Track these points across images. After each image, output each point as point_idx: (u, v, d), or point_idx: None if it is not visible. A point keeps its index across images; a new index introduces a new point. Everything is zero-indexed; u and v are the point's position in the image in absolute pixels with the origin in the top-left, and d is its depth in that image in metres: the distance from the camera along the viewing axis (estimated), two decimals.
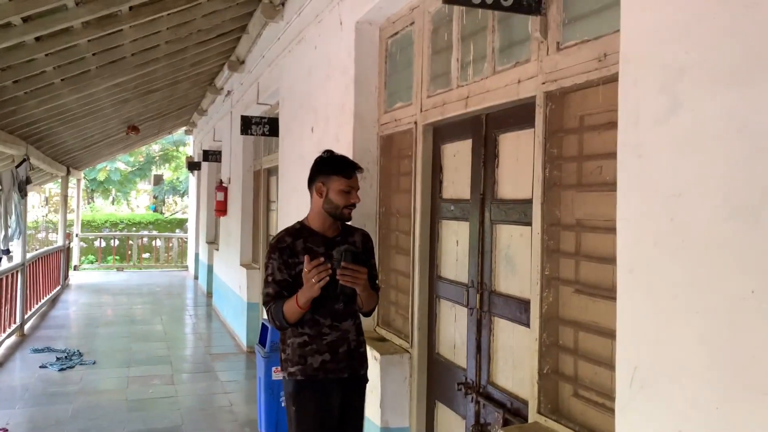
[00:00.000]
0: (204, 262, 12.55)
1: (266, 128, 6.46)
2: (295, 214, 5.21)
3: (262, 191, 7.83)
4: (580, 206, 2.22)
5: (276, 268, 2.62)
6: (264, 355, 4.61)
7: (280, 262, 2.62)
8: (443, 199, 3.23)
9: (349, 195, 2.67)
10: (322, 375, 2.66)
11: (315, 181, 2.71)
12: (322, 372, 2.66)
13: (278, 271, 2.62)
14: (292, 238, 2.67)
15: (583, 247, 2.22)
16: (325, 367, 2.66)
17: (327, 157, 2.75)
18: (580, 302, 2.21)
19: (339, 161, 2.74)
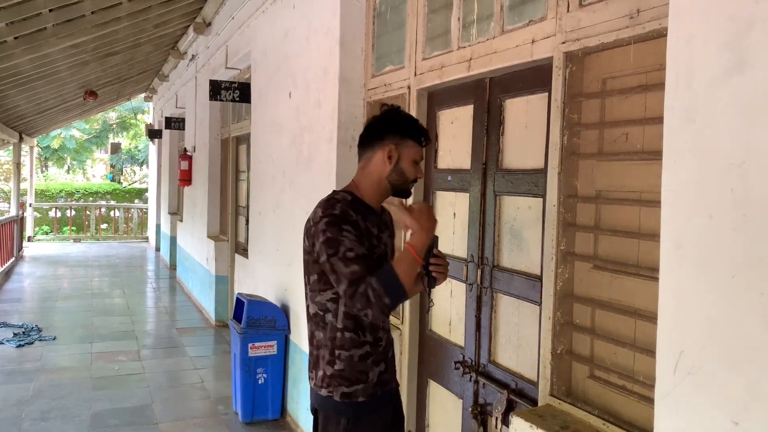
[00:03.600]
0: (166, 234, 12.18)
1: (237, 94, 6.15)
2: (270, 184, 4.98)
3: (230, 160, 7.53)
4: (601, 177, 2.07)
5: (354, 242, 1.94)
6: (240, 331, 4.42)
7: (356, 234, 1.96)
8: (439, 170, 3.05)
9: (418, 167, 2.12)
10: (380, 391, 2.12)
11: (384, 140, 2.06)
12: (379, 387, 2.11)
13: (359, 245, 1.94)
14: (355, 214, 2.02)
15: (603, 220, 2.07)
16: (382, 380, 2.12)
17: (404, 115, 2.13)
18: (599, 279, 2.07)
19: (416, 123, 2.14)
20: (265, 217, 5.23)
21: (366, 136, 2.12)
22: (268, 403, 4.56)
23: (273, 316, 4.50)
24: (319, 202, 2.05)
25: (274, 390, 4.56)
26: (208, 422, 4.62)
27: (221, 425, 4.56)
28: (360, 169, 2.14)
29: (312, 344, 2.14)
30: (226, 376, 5.39)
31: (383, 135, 2.07)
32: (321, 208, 2.02)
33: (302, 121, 4.26)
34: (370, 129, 2.11)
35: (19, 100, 9.09)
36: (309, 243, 2.02)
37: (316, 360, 2.11)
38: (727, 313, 1.39)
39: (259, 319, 4.45)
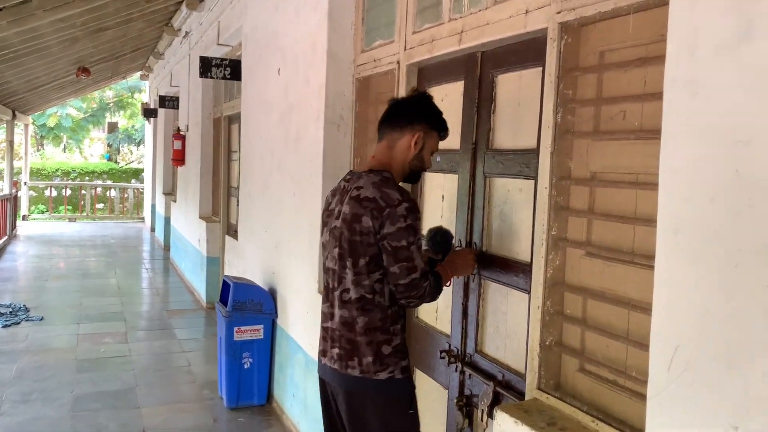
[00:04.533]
0: (161, 214, 12.06)
1: (227, 71, 5.99)
2: (259, 164, 4.84)
3: (222, 140, 7.39)
4: (596, 157, 1.93)
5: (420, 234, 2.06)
6: (225, 314, 4.31)
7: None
8: None
9: (431, 159, 2.20)
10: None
11: (414, 126, 2.09)
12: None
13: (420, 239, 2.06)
14: None
15: (597, 204, 1.94)
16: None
17: (434, 104, 2.15)
18: (592, 267, 1.95)
19: (442, 115, 2.17)
20: (254, 198, 5.10)
21: (395, 116, 2.12)
22: (253, 389, 4.46)
23: (260, 299, 4.38)
24: (378, 182, 2.02)
25: (260, 375, 4.46)
26: (193, 407, 4.52)
27: (205, 410, 4.46)
28: (385, 148, 2.13)
29: (351, 331, 2.06)
30: (214, 359, 5.28)
31: (413, 120, 2.09)
32: (394, 190, 2.00)
33: (290, 99, 4.11)
34: (402, 111, 2.11)
35: (9, 76, 8.92)
36: (375, 224, 1.97)
37: (357, 347, 2.05)
38: (727, 306, 1.26)
39: (246, 303, 4.34)
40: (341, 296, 2.06)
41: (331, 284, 2.11)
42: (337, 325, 2.08)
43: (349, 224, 2.01)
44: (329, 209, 2.17)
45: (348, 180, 2.15)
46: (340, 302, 2.06)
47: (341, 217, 2.04)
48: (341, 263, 2.05)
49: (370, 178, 2.04)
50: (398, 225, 1.96)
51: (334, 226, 2.08)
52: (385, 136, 2.13)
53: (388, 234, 1.96)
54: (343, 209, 2.04)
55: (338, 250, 2.05)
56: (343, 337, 2.06)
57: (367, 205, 1.98)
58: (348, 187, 2.09)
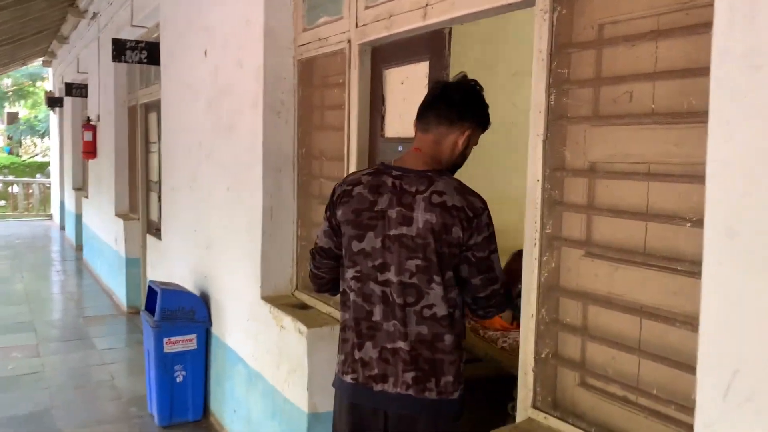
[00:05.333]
0: (71, 211, 11.22)
1: (144, 55, 5.47)
2: (184, 156, 4.41)
3: (139, 130, 6.81)
4: (596, 145, 1.70)
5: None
6: (153, 324, 3.88)
7: None
8: (387, 139, 2.62)
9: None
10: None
11: (466, 122, 1.86)
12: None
13: None
14: None
15: (599, 198, 1.71)
16: None
17: (484, 99, 1.91)
18: (593, 268, 1.72)
19: (488, 108, 1.93)
20: (179, 193, 4.65)
21: (445, 108, 1.86)
22: (188, 404, 4.05)
23: (191, 306, 3.98)
24: (460, 188, 1.81)
25: (194, 389, 4.06)
26: (120, 428, 4.07)
27: (134, 430, 4.02)
28: (432, 143, 1.88)
29: (433, 350, 1.81)
30: (140, 370, 4.81)
31: (465, 116, 1.86)
32: (475, 197, 1.81)
33: (221, 83, 3.71)
34: (452, 103, 1.85)
35: None
36: (464, 235, 1.77)
37: (439, 367, 1.82)
38: None
39: (176, 311, 3.92)
40: (422, 312, 1.81)
41: (400, 299, 1.81)
42: (414, 344, 1.81)
43: (438, 235, 1.76)
44: (376, 210, 1.83)
45: (399, 177, 1.84)
46: (420, 318, 1.81)
47: (423, 225, 1.77)
48: (425, 277, 1.79)
49: (447, 182, 1.81)
50: (483, 234, 1.79)
51: (400, 234, 1.80)
52: (431, 128, 1.87)
53: (474, 244, 1.78)
54: (423, 216, 1.77)
55: (421, 262, 1.79)
56: (420, 357, 1.81)
57: (456, 215, 1.76)
58: (404, 187, 1.82)
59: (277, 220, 3.22)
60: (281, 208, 3.23)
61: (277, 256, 3.24)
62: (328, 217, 1.95)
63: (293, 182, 3.23)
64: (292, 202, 3.24)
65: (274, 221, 3.22)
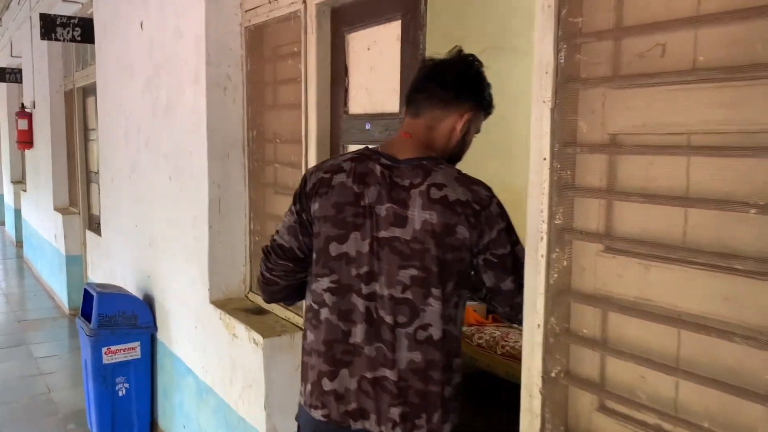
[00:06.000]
0: (10, 206, 10.53)
1: (77, 32, 4.96)
2: (122, 143, 3.95)
3: (77, 116, 6.27)
4: (618, 112, 1.36)
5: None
6: (89, 332, 3.45)
7: None
8: (352, 116, 2.25)
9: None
10: None
11: (464, 104, 1.58)
12: None
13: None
14: None
15: (621, 178, 1.37)
16: None
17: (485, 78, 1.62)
18: (615, 267, 1.39)
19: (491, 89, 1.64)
20: (118, 184, 4.19)
21: (438, 88, 1.57)
22: (132, 419, 3.63)
23: (134, 311, 3.54)
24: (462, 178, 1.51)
25: (139, 402, 3.64)
26: None
27: None
28: (424, 128, 1.58)
29: (426, 380, 1.49)
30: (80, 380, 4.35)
31: (462, 97, 1.58)
32: (480, 186, 1.51)
33: (157, 57, 3.27)
34: (446, 82, 1.56)
35: None
36: (473, 235, 1.47)
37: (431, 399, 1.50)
38: None
39: (115, 316, 3.48)
40: (416, 335, 1.48)
41: (389, 318, 1.48)
42: (404, 374, 1.49)
43: (440, 238, 1.45)
44: (362, 205, 1.50)
45: (388, 167, 1.52)
46: (413, 343, 1.48)
47: (420, 226, 1.45)
48: (422, 291, 1.47)
49: (447, 172, 1.50)
50: (498, 227, 1.50)
51: (392, 237, 1.47)
52: (423, 112, 1.58)
53: (491, 243, 1.49)
54: (420, 215, 1.46)
55: (417, 273, 1.46)
56: (411, 389, 1.49)
57: (461, 211, 1.45)
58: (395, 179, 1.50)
59: (226, 214, 2.82)
60: (230, 199, 2.83)
61: (226, 254, 2.85)
62: (298, 210, 1.59)
63: (244, 169, 2.83)
64: (243, 192, 2.84)
65: (223, 215, 2.81)
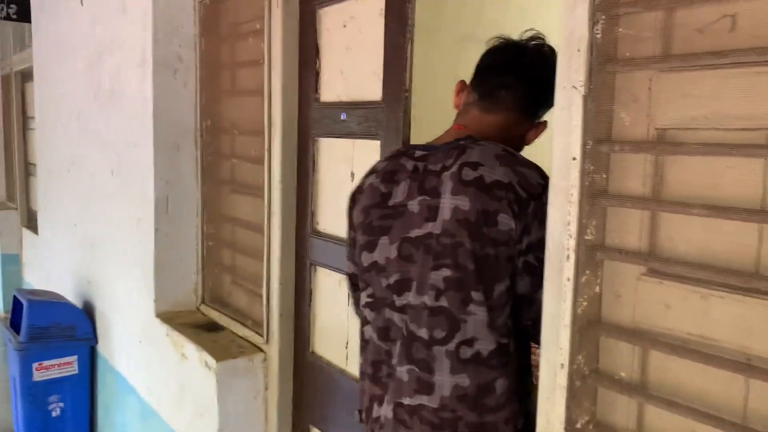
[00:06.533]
0: None
1: (12, 9, 4.51)
2: (61, 132, 3.55)
3: (14, 103, 5.78)
4: (669, 101, 1.09)
5: None
6: (18, 346, 3.06)
7: None
8: (324, 104, 1.94)
9: None
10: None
11: (539, 113, 1.39)
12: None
13: None
14: None
15: (671, 184, 1.10)
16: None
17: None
18: (660, 295, 1.12)
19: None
20: (57, 178, 3.78)
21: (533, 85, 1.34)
22: None
23: (71, 321, 3.17)
24: (506, 156, 1.24)
25: (77, 423, 3.26)
26: None
27: None
28: (497, 128, 1.35)
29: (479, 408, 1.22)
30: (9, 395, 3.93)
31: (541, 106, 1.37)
32: (532, 169, 1.24)
33: (100, 36, 2.90)
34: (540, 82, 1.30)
35: None
36: (518, 226, 1.20)
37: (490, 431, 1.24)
38: None
39: (49, 327, 3.10)
40: (458, 353, 1.22)
41: (422, 332, 1.24)
42: (449, 401, 1.23)
43: (476, 228, 1.19)
44: (390, 205, 1.30)
45: (423, 158, 1.30)
46: (456, 362, 1.22)
47: (451, 215, 1.21)
48: (459, 296, 1.21)
49: (485, 148, 1.23)
50: (544, 227, 1.19)
51: (424, 235, 1.24)
52: (502, 109, 1.35)
53: (536, 242, 1.20)
54: (451, 202, 1.21)
55: (451, 273, 1.21)
56: (460, 421, 1.23)
57: (504, 196, 1.19)
58: (428, 167, 1.28)
59: (176, 214, 2.48)
60: (180, 198, 2.49)
61: (175, 261, 2.51)
62: (347, 228, 1.44)
63: (196, 164, 2.49)
64: (195, 190, 2.51)
65: (172, 215, 2.48)
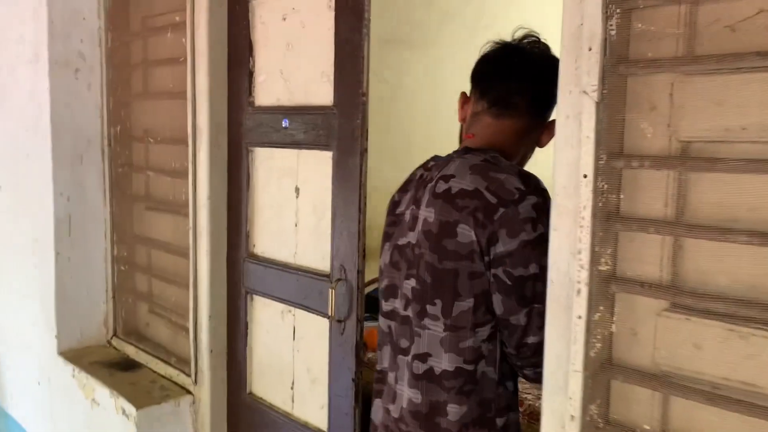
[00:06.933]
0: None
1: None
2: None
3: None
4: (695, 110, 0.94)
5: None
6: None
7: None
8: (261, 108, 1.70)
9: None
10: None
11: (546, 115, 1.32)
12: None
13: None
14: None
15: (697, 205, 0.95)
16: None
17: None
18: (687, 334, 0.97)
19: None
20: None
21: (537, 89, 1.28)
22: None
23: None
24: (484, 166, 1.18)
25: None
26: None
27: None
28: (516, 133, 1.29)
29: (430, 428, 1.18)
30: None
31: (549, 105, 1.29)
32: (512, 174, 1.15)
33: None
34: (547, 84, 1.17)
35: None
36: (481, 237, 1.13)
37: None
38: None
39: None
40: (413, 366, 1.21)
41: (395, 339, 1.26)
42: (405, 414, 1.23)
43: (435, 240, 1.18)
44: (396, 213, 1.31)
45: (431, 168, 1.29)
46: (411, 376, 1.22)
47: (421, 227, 1.22)
48: (417, 307, 1.21)
49: (466, 160, 1.21)
50: (522, 237, 1.12)
51: (406, 244, 1.26)
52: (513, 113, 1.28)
53: (506, 254, 1.13)
54: (422, 214, 1.22)
55: (416, 284, 1.21)
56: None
57: (465, 205, 1.15)
58: (428, 177, 1.27)
59: (79, 236, 2.17)
60: (85, 216, 2.19)
61: (80, 289, 2.20)
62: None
63: (103, 177, 2.19)
64: (103, 207, 2.20)
65: (75, 237, 2.15)
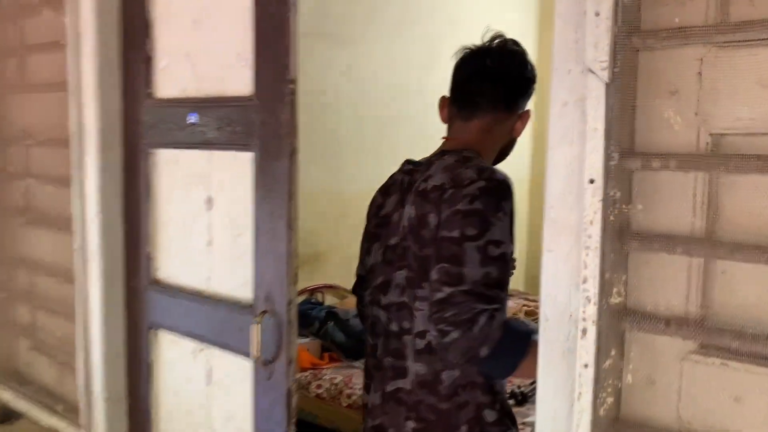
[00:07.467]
0: None
1: None
2: None
3: None
4: (728, 95, 0.74)
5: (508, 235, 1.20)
6: None
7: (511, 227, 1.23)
8: (162, 101, 1.42)
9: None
10: None
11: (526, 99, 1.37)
12: None
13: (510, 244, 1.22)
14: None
15: (732, 216, 0.74)
16: None
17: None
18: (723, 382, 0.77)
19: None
20: None
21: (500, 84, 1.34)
22: None
23: None
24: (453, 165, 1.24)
25: None
26: None
27: None
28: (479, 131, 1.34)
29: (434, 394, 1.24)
30: None
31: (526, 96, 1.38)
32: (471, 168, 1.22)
33: None
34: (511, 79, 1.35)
35: None
36: (433, 217, 1.20)
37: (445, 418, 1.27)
38: None
39: None
40: (415, 343, 1.26)
41: (394, 326, 1.29)
42: (414, 385, 1.28)
43: (416, 232, 1.23)
44: (381, 215, 1.35)
45: (410, 172, 1.34)
46: (414, 352, 1.27)
47: (407, 222, 1.26)
48: (412, 293, 1.26)
49: (443, 162, 1.29)
50: (456, 207, 1.17)
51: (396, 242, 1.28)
52: (480, 113, 1.34)
53: (444, 222, 1.19)
54: (407, 212, 1.27)
55: (407, 272, 1.26)
56: (422, 403, 1.28)
57: (434, 197, 1.21)
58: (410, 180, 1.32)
59: None
60: None
61: None
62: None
63: None
64: None
65: None
